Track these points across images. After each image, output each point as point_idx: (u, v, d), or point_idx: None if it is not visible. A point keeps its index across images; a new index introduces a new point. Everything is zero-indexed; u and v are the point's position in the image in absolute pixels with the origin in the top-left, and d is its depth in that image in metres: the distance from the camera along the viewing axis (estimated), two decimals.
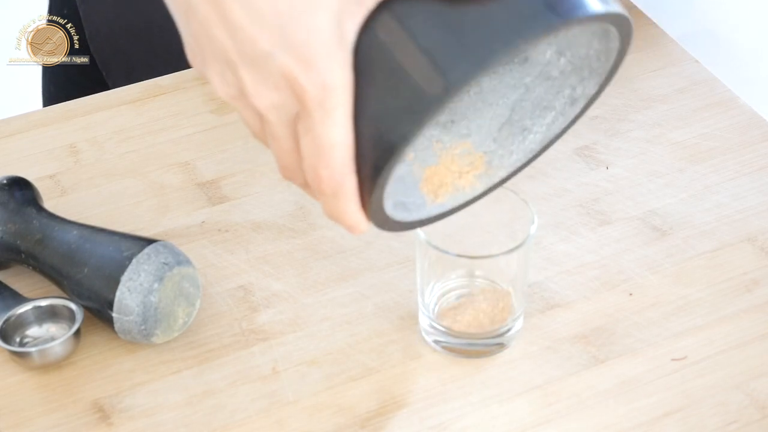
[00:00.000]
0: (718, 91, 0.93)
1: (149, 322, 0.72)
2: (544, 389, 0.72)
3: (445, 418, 0.71)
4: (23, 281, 0.79)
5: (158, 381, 0.73)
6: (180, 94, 0.94)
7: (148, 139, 0.90)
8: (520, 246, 0.71)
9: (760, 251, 0.80)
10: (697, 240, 0.81)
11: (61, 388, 0.73)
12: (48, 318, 0.75)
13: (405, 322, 0.76)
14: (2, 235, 0.77)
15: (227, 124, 0.91)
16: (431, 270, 0.74)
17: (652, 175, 0.86)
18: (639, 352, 0.74)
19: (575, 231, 0.82)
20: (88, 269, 0.73)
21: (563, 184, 0.85)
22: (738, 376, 0.73)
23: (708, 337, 0.75)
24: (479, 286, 0.76)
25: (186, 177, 0.87)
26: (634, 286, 0.78)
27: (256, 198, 0.85)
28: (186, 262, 0.74)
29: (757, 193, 0.84)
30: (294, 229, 0.83)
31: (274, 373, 0.73)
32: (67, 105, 0.93)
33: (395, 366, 0.74)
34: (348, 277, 0.79)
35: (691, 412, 0.71)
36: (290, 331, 0.76)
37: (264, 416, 0.71)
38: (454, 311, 0.74)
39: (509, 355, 0.74)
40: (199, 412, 0.71)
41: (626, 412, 0.71)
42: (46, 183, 0.86)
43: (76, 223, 0.77)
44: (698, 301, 0.77)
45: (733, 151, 0.88)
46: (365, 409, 0.71)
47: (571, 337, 0.75)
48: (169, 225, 0.83)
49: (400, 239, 0.81)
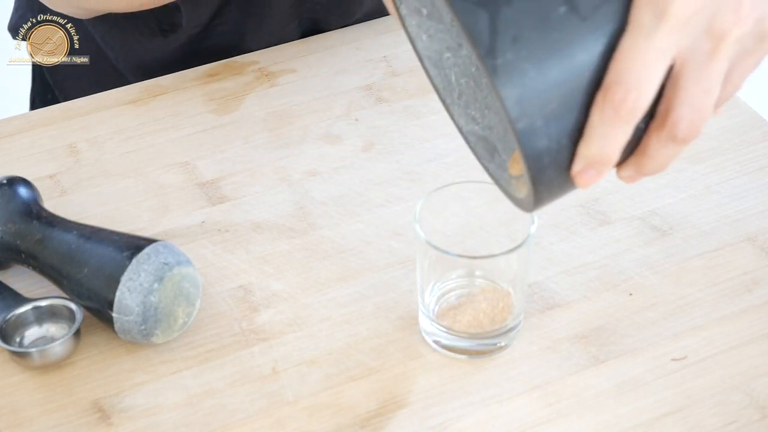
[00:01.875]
0: None
1: (149, 322, 0.72)
2: (544, 389, 0.72)
3: (445, 418, 0.71)
4: (23, 281, 0.79)
5: (158, 381, 0.73)
6: (180, 94, 0.94)
7: (148, 139, 0.90)
8: (520, 246, 0.71)
9: (760, 251, 0.80)
10: (697, 240, 0.81)
11: (61, 388, 0.73)
12: (48, 318, 0.75)
13: (405, 322, 0.76)
14: (2, 235, 0.77)
15: (227, 124, 0.91)
16: (431, 270, 0.74)
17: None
18: (639, 352, 0.74)
19: (575, 231, 0.82)
20: (88, 269, 0.73)
21: None
22: (738, 376, 0.73)
23: (708, 337, 0.75)
24: (479, 286, 0.76)
25: (186, 177, 0.87)
26: (634, 286, 0.78)
27: (256, 198, 0.85)
28: (186, 262, 0.74)
29: (757, 193, 0.84)
30: (294, 229, 0.83)
31: (274, 373, 0.73)
32: (67, 105, 0.94)
33: (395, 366, 0.74)
34: (348, 277, 0.79)
35: (691, 412, 0.71)
36: (290, 331, 0.76)
37: (264, 416, 0.71)
38: (454, 311, 0.74)
39: (509, 355, 0.74)
40: (199, 412, 0.71)
41: (626, 412, 0.71)
42: (46, 183, 0.86)
43: (76, 223, 0.77)
44: (698, 301, 0.77)
45: (733, 151, 0.88)
46: (365, 409, 0.71)
47: (571, 337, 0.75)
48: (169, 225, 0.83)
49: (400, 239, 0.81)
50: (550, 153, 0.56)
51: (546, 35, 0.55)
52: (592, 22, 0.55)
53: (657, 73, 0.56)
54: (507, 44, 0.54)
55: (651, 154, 0.58)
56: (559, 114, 0.56)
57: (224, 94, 0.94)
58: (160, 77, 0.96)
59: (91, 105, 0.93)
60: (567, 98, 0.56)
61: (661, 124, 0.57)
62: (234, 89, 0.94)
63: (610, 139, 0.56)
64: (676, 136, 0.57)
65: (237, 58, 0.97)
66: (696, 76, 0.56)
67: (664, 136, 0.57)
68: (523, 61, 0.54)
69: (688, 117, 0.57)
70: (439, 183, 0.75)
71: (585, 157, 0.57)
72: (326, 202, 0.85)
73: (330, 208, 0.84)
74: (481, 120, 0.65)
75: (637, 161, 0.59)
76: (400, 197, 0.85)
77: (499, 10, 0.54)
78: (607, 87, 0.55)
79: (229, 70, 0.96)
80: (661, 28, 0.55)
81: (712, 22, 0.56)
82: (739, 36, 0.56)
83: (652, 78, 0.56)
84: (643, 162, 0.59)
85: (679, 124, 0.57)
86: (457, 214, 0.75)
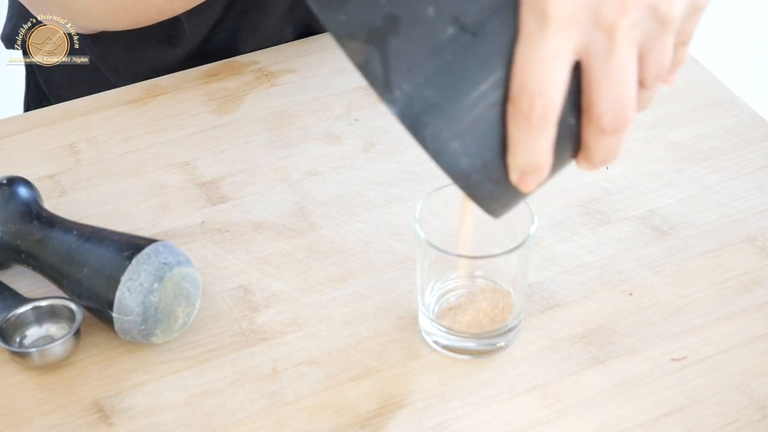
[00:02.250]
0: (718, 91, 0.93)
1: (149, 322, 0.72)
2: (544, 389, 0.72)
3: (445, 418, 0.71)
4: (23, 281, 0.79)
5: (158, 381, 0.73)
6: (180, 94, 0.94)
7: (148, 139, 0.90)
8: (520, 246, 0.71)
9: (760, 251, 0.80)
10: (697, 240, 0.81)
11: (61, 388, 0.73)
12: (48, 318, 0.75)
13: (405, 322, 0.76)
14: (2, 235, 0.77)
15: (227, 124, 0.91)
16: (431, 270, 0.74)
17: (652, 175, 0.86)
18: (639, 352, 0.74)
19: (575, 231, 0.82)
20: (88, 269, 0.73)
21: (563, 184, 0.85)
22: (738, 376, 0.73)
23: (708, 337, 0.75)
24: (479, 286, 0.76)
25: (186, 177, 0.87)
26: (634, 286, 0.78)
27: (256, 198, 0.85)
28: (186, 262, 0.74)
29: (757, 193, 0.84)
30: (294, 229, 0.83)
31: (274, 373, 0.73)
32: (67, 105, 0.94)
33: (395, 366, 0.74)
34: (348, 277, 0.79)
35: (691, 412, 0.71)
36: (290, 331, 0.76)
37: (264, 416, 0.71)
38: (454, 311, 0.74)
39: (509, 355, 0.74)
40: (199, 412, 0.71)
41: (626, 412, 0.71)
42: (46, 183, 0.86)
43: (76, 223, 0.77)
44: (698, 301, 0.77)
45: (733, 151, 0.88)
46: (365, 409, 0.71)
47: (571, 337, 0.75)
48: (169, 225, 0.83)
49: (400, 239, 0.81)
50: (477, 169, 0.56)
51: (439, 58, 0.54)
52: (483, 37, 0.55)
53: (558, 75, 0.56)
54: (401, 76, 0.54)
55: (592, 148, 0.59)
56: (473, 131, 0.56)
57: (224, 94, 0.94)
58: (160, 77, 0.96)
59: (91, 105, 0.93)
60: (476, 115, 0.56)
61: (588, 119, 0.58)
62: (234, 89, 0.94)
63: (535, 147, 0.57)
64: (605, 129, 0.58)
65: (237, 58, 0.97)
66: (603, 69, 0.57)
67: (594, 130, 0.58)
68: (421, 88, 0.54)
69: (610, 109, 0.57)
70: (439, 183, 0.75)
71: (517, 167, 0.58)
72: (326, 202, 0.85)
73: (330, 208, 0.84)
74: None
75: (585, 156, 0.60)
76: (400, 197, 0.85)
77: (387, 43, 0.54)
78: (514, 98, 0.56)
79: (229, 70, 0.96)
80: (547, 30, 0.55)
81: (598, 16, 0.56)
82: (632, 23, 0.56)
83: (554, 80, 0.56)
84: (589, 156, 0.60)
85: (603, 117, 0.57)
86: (457, 214, 0.75)
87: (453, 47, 0.55)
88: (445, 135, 0.55)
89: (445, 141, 0.55)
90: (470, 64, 0.55)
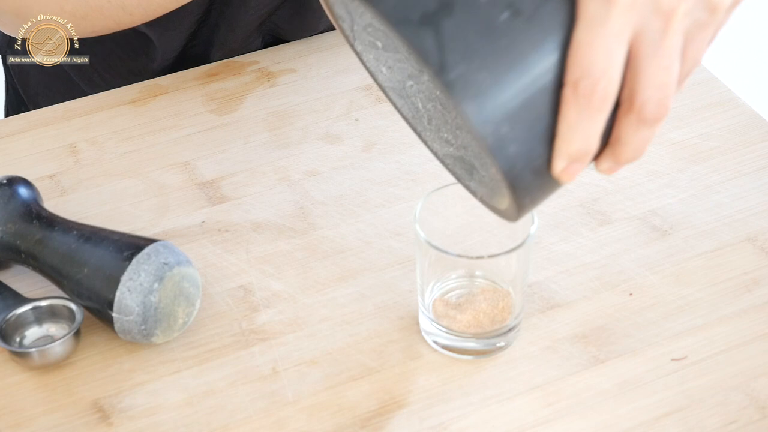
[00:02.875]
0: (718, 91, 0.93)
1: (149, 322, 0.72)
2: (544, 389, 0.72)
3: (445, 418, 0.71)
4: (23, 281, 0.79)
5: (158, 381, 0.73)
6: (180, 94, 0.94)
7: (148, 139, 0.90)
8: (520, 246, 0.71)
9: (760, 251, 0.80)
10: (697, 240, 0.81)
11: (61, 388, 0.73)
12: (48, 318, 0.75)
13: (405, 322, 0.76)
14: (2, 235, 0.77)
15: (227, 124, 0.91)
16: (431, 270, 0.74)
17: (652, 175, 0.86)
18: (639, 352, 0.74)
19: (575, 231, 0.82)
20: (88, 269, 0.73)
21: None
22: (738, 376, 0.73)
23: (708, 337, 0.75)
24: (479, 286, 0.76)
25: (186, 177, 0.87)
26: (634, 286, 0.78)
27: (256, 198, 0.85)
28: (186, 262, 0.74)
29: (757, 193, 0.84)
30: (294, 229, 0.83)
31: (274, 373, 0.73)
32: (67, 105, 0.94)
33: (395, 366, 0.74)
34: (348, 277, 0.79)
35: (691, 412, 0.71)
36: (290, 331, 0.76)
37: (264, 416, 0.71)
38: (454, 311, 0.74)
39: (509, 355, 0.74)
40: (199, 412, 0.71)
41: (626, 412, 0.71)
42: (46, 183, 0.86)
43: (76, 223, 0.77)
44: (698, 301, 0.77)
45: (733, 151, 0.88)
46: (365, 409, 0.71)
47: (571, 337, 0.75)
48: (169, 225, 0.83)
49: (400, 239, 0.81)
50: (522, 157, 0.56)
51: (495, 42, 0.55)
52: (538, 22, 0.55)
53: (618, 58, 0.56)
54: (457, 57, 0.54)
55: (625, 141, 0.59)
56: (524, 117, 0.56)
57: (224, 94, 0.94)
58: (160, 77, 0.96)
59: (91, 105, 0.93)
60: (529, 100, 0.56)
61: (629, 109, 0.58)
62: (234, 89, 0.94)
63: (590, 131, 0.57)
64: (647, 117, 0.58)
65: (237, 58, 0.97)
66: (653, 55, 0.57)
67: (634, 120, 0.58)
68: (476, 71, 0.54)
69: (654, 97, 0.57)
70: (439, 183, 0.75)
71: (567, 154, 0.57)
72: (326, 202, 0.85)
73: (330, 208, 0.84)
74: (454, 141, 0.65)
75: (613, 151, 0.60)
76: (400, 197, 0.85)
77: (442, 25, 0.54)
78: (575, 82, 0.56)
79: (229, 70, 0.96)
80: (611, 13, 0.55)
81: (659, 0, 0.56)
82: (687, 10, 0.56)
83: (615, 64, 0.56)
84: (619, 150, 0.59)
85: (646, 105, 0.57)
86: (457, 214, 0.75)
87: (508, 30, 0.55)
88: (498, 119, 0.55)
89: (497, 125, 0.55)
90: (524, 48, 0.55)
